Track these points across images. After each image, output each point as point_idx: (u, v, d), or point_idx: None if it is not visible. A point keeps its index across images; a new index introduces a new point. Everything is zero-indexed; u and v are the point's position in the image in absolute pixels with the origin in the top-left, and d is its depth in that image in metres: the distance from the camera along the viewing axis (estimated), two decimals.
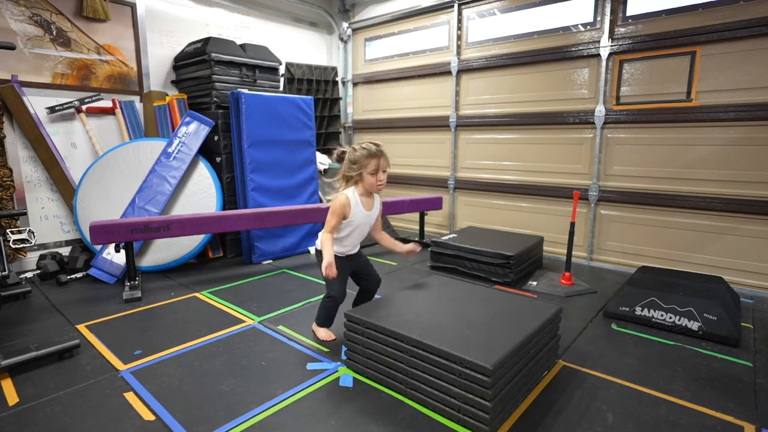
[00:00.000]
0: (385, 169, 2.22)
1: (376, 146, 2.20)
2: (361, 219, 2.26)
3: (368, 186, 2.22)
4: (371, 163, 2.17)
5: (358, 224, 2.27)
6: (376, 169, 2.18)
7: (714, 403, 1.84)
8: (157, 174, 3.57)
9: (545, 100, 4.06)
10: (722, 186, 3.27)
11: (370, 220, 2.32)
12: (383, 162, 2.20)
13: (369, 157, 2.17)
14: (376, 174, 2.19)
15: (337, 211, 2.20)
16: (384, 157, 2.21)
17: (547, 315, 1.99)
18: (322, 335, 2.40)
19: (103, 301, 2.91)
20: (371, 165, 2.17)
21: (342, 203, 2.21)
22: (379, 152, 2.19)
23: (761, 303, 3.01)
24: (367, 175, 2.19)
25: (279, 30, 5.16)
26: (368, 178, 2.19)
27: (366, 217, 2.28)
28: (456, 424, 1.67)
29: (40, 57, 3.51)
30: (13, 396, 1.85)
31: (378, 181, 2.20)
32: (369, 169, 2.17)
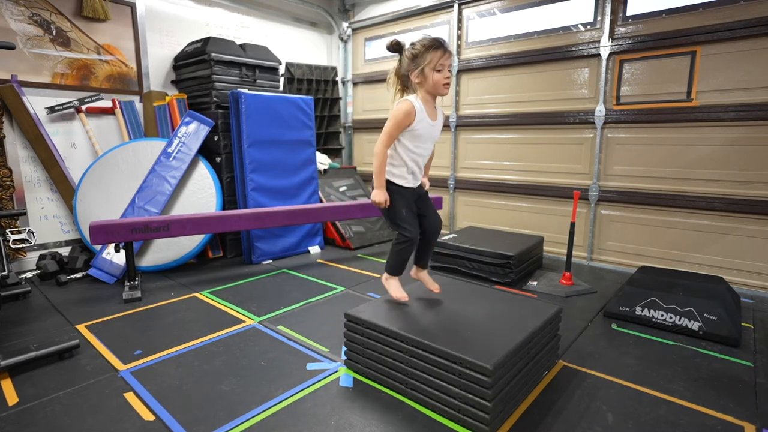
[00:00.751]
0: (450, 66, 1.90)
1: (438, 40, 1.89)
2: (427, 130, 1.96)
3: (433, 86, 1.89)
4: (436, 55, 1.85)
5: (423, 137, 1.96)
6: (441, 64, 1.86)
7: (714, 403, 1.84)
8: (156, 174, 3.57)
9: (545, 100, 4.06)
10: (722, 186, 3.27)
11: (434, 135, 2.02)
12: (447, 57, 1.88)
13: (436, 48, 1.85)
14: (442, 70, 1.87)
15: (399, 118, 1.88)
16: (448, 51, 1.89)
17: (547, 315, 1.99)
18: (395, 294, 2.11)
19: (103, 301, 2.91)
20: (437, 58, 1.85)
21: (405, 109, 1.88)
22: (441, 42, 1.87)
23: (761, 303, 3.01)
24: (430, 71, 1.86)
25: (279, 30, 5.16)
26: (434, 77, 1.87)
27: (431, 128, 1.97)
28: (456, 424, 1.67)
29: (39, 57, 3.51)
30: (13, 396, 1.84)
31: (445, 78, 1.88)
32: (432, 63, 1.85)
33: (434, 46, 1.86)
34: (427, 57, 1.86)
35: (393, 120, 1.90)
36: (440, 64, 1.86)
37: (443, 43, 1.88)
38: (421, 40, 1.89)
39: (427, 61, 1.86)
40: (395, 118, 1.90)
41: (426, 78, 1.88)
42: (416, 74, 1.89)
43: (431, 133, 2.00)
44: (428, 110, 1.95)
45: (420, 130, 1.94)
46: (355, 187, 4.99)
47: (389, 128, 1.91)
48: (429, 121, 1.95)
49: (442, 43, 1.87)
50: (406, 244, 2.03)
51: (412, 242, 2.03)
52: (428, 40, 1.88)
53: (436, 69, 1.87)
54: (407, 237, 2.01)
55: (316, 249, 4.24)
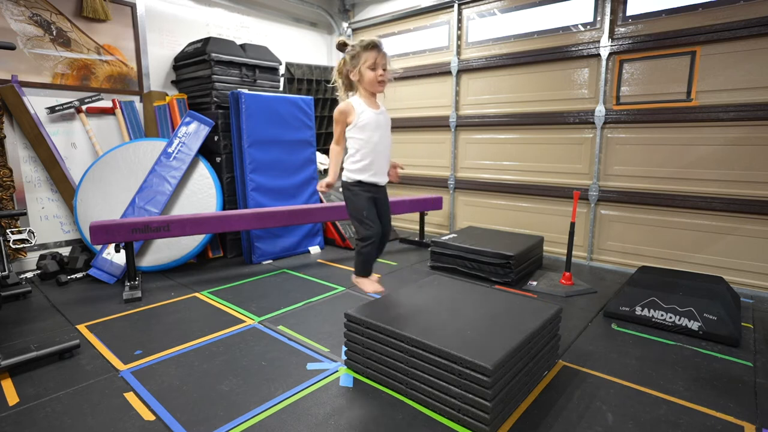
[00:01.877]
0: (384, 66, 2.05)
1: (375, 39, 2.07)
2: (372, 118, 2.11)
3: (368, 83, 2.05)
4: (369, 56, 2.02)
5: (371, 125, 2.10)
6: (375, 63, 2.03)
7: (714, 403, 1.84)
8: (157, 174, 3.57)
9: (545, 100, 4.06)
10: (722, 186, 3.27)
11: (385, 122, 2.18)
12: (382, 55, 2.04)
13: (367, 50, 2.02)
14: (376, 69, 2.03)
15: (337, 118, 2.09)
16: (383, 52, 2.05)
17: (547, 315, 1.99)
18: (369, 287, 2.26)
19: (103, 301, 2.91)
20: (369, 60, 2.02)
21: (340, 109, 2.08)
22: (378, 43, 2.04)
23: (761, 303, 3.01)
24: (366, 69, 2.03)
25: (279, 30, 5.16)
26: (367, 74, 2.04)
27: (376, 116, 2.12)
28: (456, 424, 1.67)
29: (40, 57, 3.51)
30: (13, 396, 1.85)
31: (378, 75, 2.03)
32: (367, 62, 2.02)
33: (369, 47, 2.03)
34: (362, 56, 2.03)
35: (334, 122, 2.12)
36: (374, 63, 2.03)
37: (378, 44, 2.05)
38: (354, 45, 2.06)
39: (362, 60, 2.03)
40: (335, 119, 2.11)
41: (362, 76, 2.05)
42: (354, 73, 2.07)
43: (378, 120, 2.14)
44: (369, 104, 2.11)
45: (365, 120, 2.10)
46: None
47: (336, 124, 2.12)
48: (372, 110, 2.11)
49: (377, 45, 2.04)
50: (369, 242, 2.17)
51: (372, 240, 2.16)
52: (365, 41, 2.04)
53: (371, 68, 2.03)
54: (369, 234, 2.16)
55: (316, 249, 4.24)
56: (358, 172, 2.16)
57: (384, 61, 2.06)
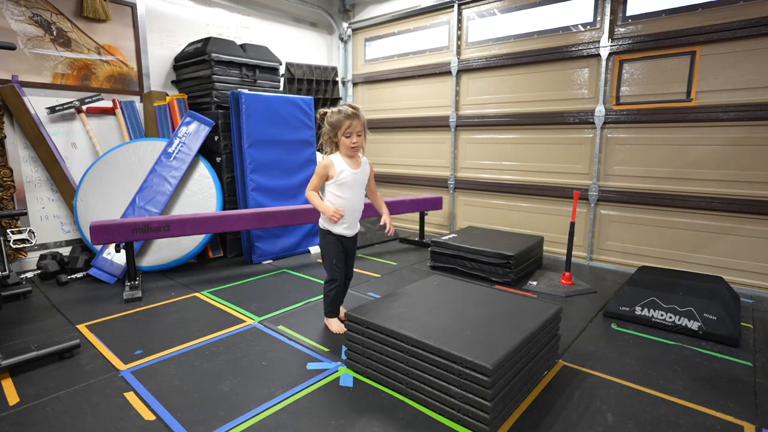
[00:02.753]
0: (358, 132, 2.23)
1: (351, 108, 2.23)
2: (351, 177, 2.30)
3: (344, 148, 2.26)
4: (344, 124, 2.21)
5: (350, 184, 2.31)
6: (350, 132, 2.21)
7: (714, 403, 1.84)
8: (157, 174, 3.57)
9: (545, 100, 4.07)
10: (722, 186, 3.27)
11: (362, 180, 2.37)
12: (356, 124, 2.22)
13: (344, 118, 2.21)
14: (350, 137, 2.22)
15: (319, 172, 2.29)
16: (357, 119, 2.22)
17: (547, 315, 1.99)
18: (334, 328, 2.45)
19: (104, 301, 2.91)
20: (344, 127, 2.21)
21: (323, 164, 2.28)
22: (352, 114, 2.21)
23: (761, 303, 3.01)
24: (342, 137, 2.23)
25: (279, 30, 5.16)
26: (343, 140, 2.24)
27: (355, 175, 2.32)
28: (456, 423, 1.67)
29: (40, 57, 3.51)
30: (13, 396, 1.85)
31: (351, 143, 2.23)
32: (342, 130, 2.21)
33: (343, 117, 2.21)
34: (337, 125, 2.22)
35: (315, 172, 2.32)
36: (348, 132, 2.21)
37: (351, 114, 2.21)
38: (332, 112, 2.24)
39: (338, 128, 2.22)
40: (316, 170, 2.31)
41: (339, 141, 2.25)
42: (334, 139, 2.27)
43: (356, 179, 2.33)
44: (349, 163, 2.30)
45: (344, 179, 2.29)
46: None
47: (314, 176, 2.32)
48: (351, 170, 2.30)
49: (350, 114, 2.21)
50: (334, 285, 2.42)
51: (338, 283, 2.42)
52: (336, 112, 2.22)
53: (346, 135, 2.22)
54: (335, 278, 2.40)
55: (316, 249, 4.24)
56: (331, 224, 2.36)
57: (359, 129, 2.23)
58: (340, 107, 2.25)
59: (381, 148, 5.43)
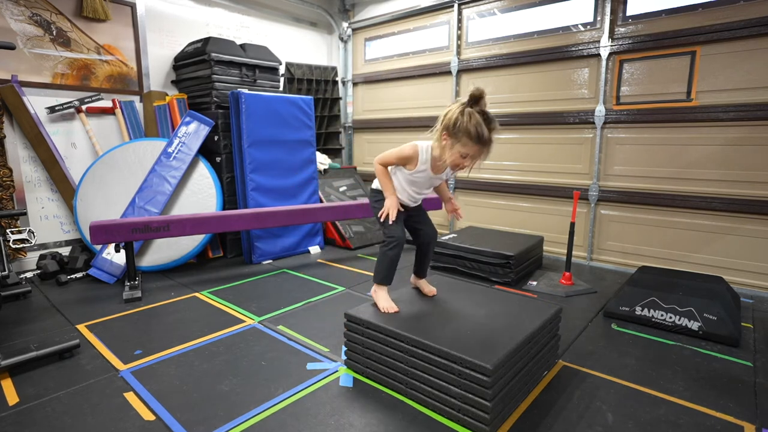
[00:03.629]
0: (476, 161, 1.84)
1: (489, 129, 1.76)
2: (424, 179, 1.99)
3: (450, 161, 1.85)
4: (471, 147, 1.77)
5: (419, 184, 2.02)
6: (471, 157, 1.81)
7: (714, 403, 1.84)
8: (157, 174, 3.57)
9: (545, 100, 4.06)
10: (722, 186, 3.27)
11: (433, 183, 2.06)
12: (482, 153, 1.81)
13: (474, 141, 1.76)
14: (465, 158, 1.81)
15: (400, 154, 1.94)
16: (487, 149, 1.81)
17: (547, 315, 1.99)
18: (383, 304, 2.03)
19: (103, 301, 2.91)
20: (469, 148, 1.78)
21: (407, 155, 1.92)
22: (488, 140, 1.78)
23: (761, 303, 3.01)
24: (458, 153, 1.80)
25: (279, 30, 5.16)
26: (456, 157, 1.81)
27: (429, 179, 2.00)
28: (456, 424, 1.67)
29: (40, 57, 3.51)
30: (13, 396, 1.85)
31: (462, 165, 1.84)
32: (465, 149, 1.78)
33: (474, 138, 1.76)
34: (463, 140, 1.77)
35: (397, 152, 1.96)
36: (468, 155, 1.81)
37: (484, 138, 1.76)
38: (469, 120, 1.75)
39: (460, 141, 1.78)
40: (399, 152, 1.96)
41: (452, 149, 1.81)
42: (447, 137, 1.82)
43: (429, 182, 2.04)
44: (433, 165, 1.94)
45: (418, 179, 2.00)
46: (355, 187, 4.99)
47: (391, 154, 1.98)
48: (430, 174, 1.97)
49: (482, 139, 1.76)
50: (394, 245, 2.01)
51: (399, 244, 2.02)
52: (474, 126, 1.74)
53: (462, 155, 1.81)
54: (394, 236, 2.00)
55: (316, 249, 4.24)
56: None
57: (478, 158, 1.84)
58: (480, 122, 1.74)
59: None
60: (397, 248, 2.02)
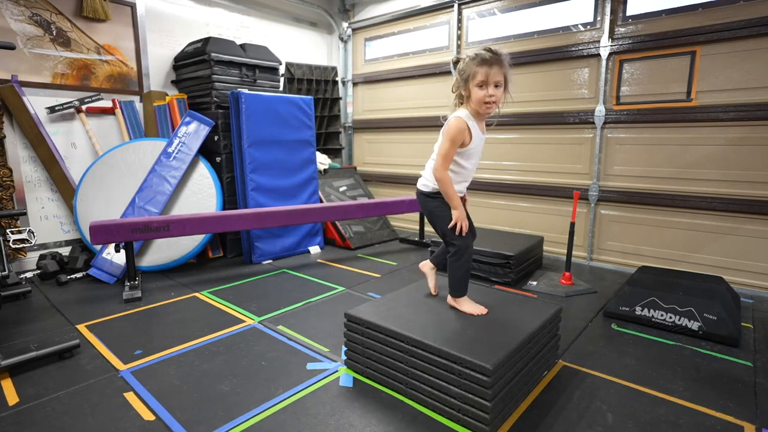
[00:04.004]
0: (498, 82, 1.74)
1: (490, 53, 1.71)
2: (478, 145, 1.88)
3: (475, 103, 1.77)
4: (479, 72, 1.72)
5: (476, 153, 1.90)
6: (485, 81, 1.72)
7: (714, 403, 1.84)
8: (157, 174, 3.57)
9: (545, 100, 4.06)
10: (722, 186, 3.27)
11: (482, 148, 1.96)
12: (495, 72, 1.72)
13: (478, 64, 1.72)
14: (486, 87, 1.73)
15: (456, 137, 1.79)
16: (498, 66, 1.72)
17: (547, 315, 1.99)
18: (473, 310, 1.95)
19: (103, 301, 2.91)
20: (479, 75, 1.72)
21: (459, 127, 1.78)
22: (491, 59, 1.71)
23: (761, 303, 3.01)
24: (474, 88, 1.74)
25: (279, 30, 5.16)
26: (475, 92, 1.75)
27: (481, 141, 1.89)
28: (456, 424, 1.67)
29: (40, 57, 3.51)
30: (13, 396, 1.85)
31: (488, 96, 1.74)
32: (476, 79, 1.73)
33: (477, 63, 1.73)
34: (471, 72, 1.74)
35: (448, 139, 1.80)
36: (484, 81, 1.73)
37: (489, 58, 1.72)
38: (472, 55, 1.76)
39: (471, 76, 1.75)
40: (450, 135, 1.80)
41: (470, 94, 1.78)
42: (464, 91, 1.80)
43: (480, 147, 1.94)
44: (478, 124, 1.87)
45: (474, 145, 1.87)
46: (355, 187, 4.99)
47: (446, 149, 1.81)
48: (480, 134, 1.89)
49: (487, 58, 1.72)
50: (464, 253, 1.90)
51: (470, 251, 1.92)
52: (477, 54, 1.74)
53: (479, 85, 1.74)
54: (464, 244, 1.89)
55: (316, 249, 4.24)
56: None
57: (498, 78, 1.74)
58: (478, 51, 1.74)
59: (381, 148, 5.43)
60: (468, 255, 1.93)
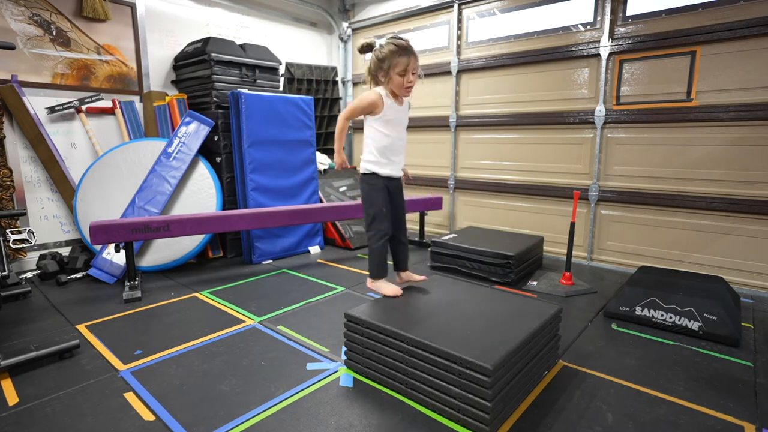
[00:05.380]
0: (415, 70, 2.04)
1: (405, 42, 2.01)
2: (395, 115, 2.13)
3: (395, 87, 2.06)
4: (401, 62, 2.00)
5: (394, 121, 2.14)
6: (405, 70, 2.01)
7: (714, 403, 1.84)
8: (157, 174, 3.57)
9: (545, 100, 4.06)
10: (722, 186, 3.27)
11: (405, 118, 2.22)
12: (413, 61, 2.02)
13: (399, 55, 1.99)
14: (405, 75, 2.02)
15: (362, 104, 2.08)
16: (414, 56, 2.03)
17: (547, 315, 1.99)
18: (387, 290, 2.19)
19: (103, 301, 2.91)
20: (401, 64, 2.00)
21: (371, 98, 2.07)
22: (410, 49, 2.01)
23: (761, 303, 3.01)
24: (395, 75, 2.02)
25: (279, 30, 5.16)
26: (396, 79, 2.03)
27: (398, 112, 2.16)
28: (456, 424, 1.67)
29: (39, 57, 3.51)
30: (13, 396, 1.85)
31: (407, 82, 2.04)
32: (398, 68, 2.01)
33: (399, 52, 1.99)
34: (393, 61, 2.00)
35: (358, 102, 2.09)
36: (404, 70, 2.01)
37: (408, 48, 2.00)
38: (388, 43, 2.01)
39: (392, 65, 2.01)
40: (361, 101, 2.09)
41: (391, 79, 2.05)
42: (382, 75, 2.07)
43: (399, 117, 2.18)
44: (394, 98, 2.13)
45: (390, 116, 2.12)
46: (355, 187, 4.99)
47: (353, 106, 2.10)
48: (396, 106, 2.14)
49: (407, 49, 2.00)
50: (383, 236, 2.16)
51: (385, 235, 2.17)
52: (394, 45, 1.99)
53: (400, 74, 2.02)
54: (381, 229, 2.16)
55: (316, 249, 4.24)
56: (376, 164, 2.21)
57: (414, 66, 2.05)
58: (393, 40, 2.01)
59: None
60: (384, 240, 2.19)
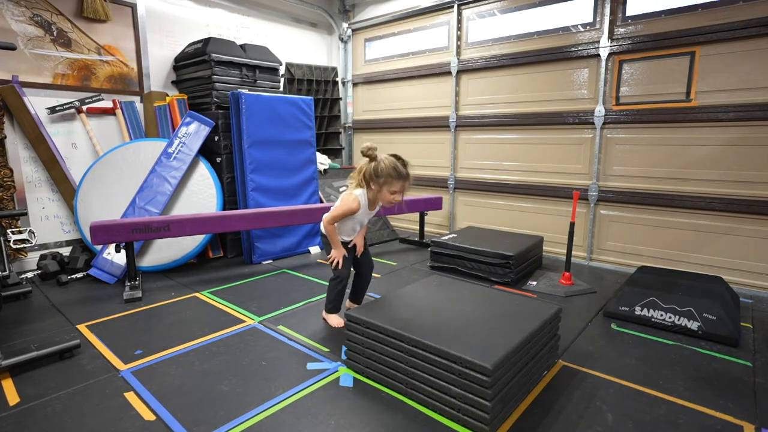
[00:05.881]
0: (404, 191, 2.26)
1: (404, 167, 2.22)
2: (362, 216, 2.41)
3: (383, 200, 2.28)
4: (396, 184, 2.21)
5: (358, 218, 2.42)
6: (399, 191, 2.23)
7: (713, 402, 1.85)
8: (157, 174, 3.57)
9: (545, 101, 4.07)
10: (722, 186, 3.27)
11: (369, 216, 2.48)
12: (407, 186, 2.24)
13: (396, 178, 2.20)
14: (395, 194, 2.23)
15: (347, 211, 2.31)
16: (410, 180, 2.24)
17: (547, 315, 2.00)
18: (334, 322, 2.51)
19: (104, 301, 2.92)
20: (395, 186, 2.21)
21: (352, 208, 2.30)
22: (407, 175, 2.22)
23: (761, 303, 3.01)
24: (387, 192, 2.23)
25: (279, 30, 5.16)
26: (386, 195, 2.25)
27: (366, 214, 2.43)
28: (456, 423, 1.67)
29: (40, 57, 3.51)
30: (13, 396, 1.85)
31: (394, 200, 2.25)
32: (392, 188, 2.22)
33: (395, 177, 2.19)
34: (389, 181, 2.20)
35: (343, 208, 2.29)
36: (394, 190, 2.23)
37: (406, 174, 2.22)
38: (388, 165, 2.19)
39: (387, 183, 2.21)
40: (345, 207, 2.29)
41: (380, 191, 2.25)
42: (374, 184, 2.25)
43: (364, 217, 2.43)
44: (369, 203, 2.36)
45: (359, 217, 2.39)
46: None
47: (338, 213, 2.30)
48: (367, 210, 2.38)
49: (402, 175, 2.20)
50: (340, 281, 2.45)
51: (343, 280, 2.46)
52: (393, 168, 2.18)
53: (391, 192, 2.23)
54: (341, 275, 2.44)
55: (316, 249, 4.24)
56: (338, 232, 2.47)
57: (406, 189, 2.26)
58: (396, 164, 2.20)
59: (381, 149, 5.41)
60: (343, 283, 2.48)
